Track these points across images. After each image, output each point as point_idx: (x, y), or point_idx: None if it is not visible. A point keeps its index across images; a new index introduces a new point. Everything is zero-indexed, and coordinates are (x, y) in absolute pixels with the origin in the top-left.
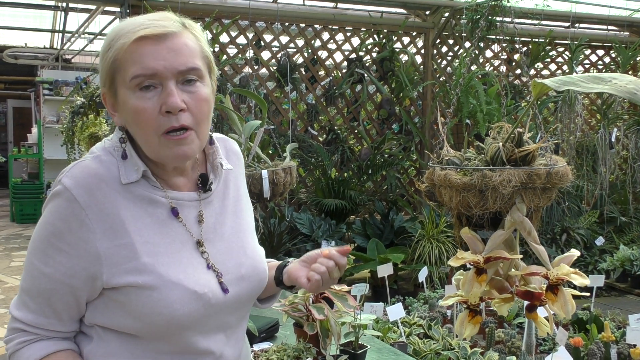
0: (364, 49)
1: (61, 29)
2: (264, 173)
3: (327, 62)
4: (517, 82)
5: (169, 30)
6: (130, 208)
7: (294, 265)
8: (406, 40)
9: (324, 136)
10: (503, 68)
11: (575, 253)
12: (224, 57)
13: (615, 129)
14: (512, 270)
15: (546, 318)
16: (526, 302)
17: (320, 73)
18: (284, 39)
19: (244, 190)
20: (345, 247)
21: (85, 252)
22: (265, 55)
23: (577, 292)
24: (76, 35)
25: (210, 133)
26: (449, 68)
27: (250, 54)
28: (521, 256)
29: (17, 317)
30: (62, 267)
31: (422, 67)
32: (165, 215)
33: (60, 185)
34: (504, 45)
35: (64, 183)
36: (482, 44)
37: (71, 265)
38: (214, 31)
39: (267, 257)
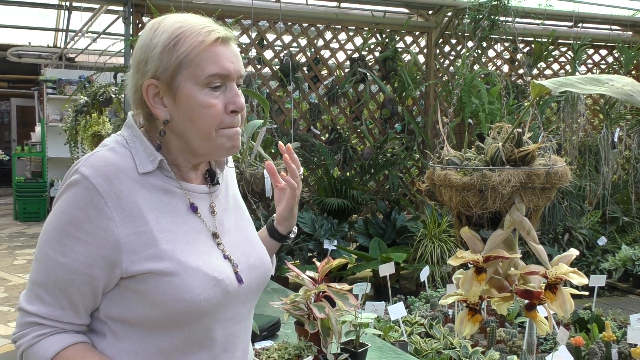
0: (366, 49)
1: (65, 27)
2: (266, 172)
3: (330, 62)
4: (519, 81)
5: (233, 35)
6: (148, 197)
7: (277, 211)
8: (409, 39)
9: (327, 135)
10: (506, 68)
11: (574, 252)
12: None
13: (618, 129)
14: (512, 269)
15: (546, 317)
16: (525, 301)
17: (322, 72)
18: (287, 38)
19: (238, 191)
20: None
21: (104, 240)
22: (268, 54)
23: (575, 292)
24: (80, 34)
25: None
26: (451, 68)
27: (253, 53)
28: (520, 255)
29: (31, 311)
30: (81, 257)
31: (424, 66)
32: (181, 205)
33: (78, 175)
34: (507, 45)
35: (82, 172)
36: (484, 44)
37: (90, 254)
38: None
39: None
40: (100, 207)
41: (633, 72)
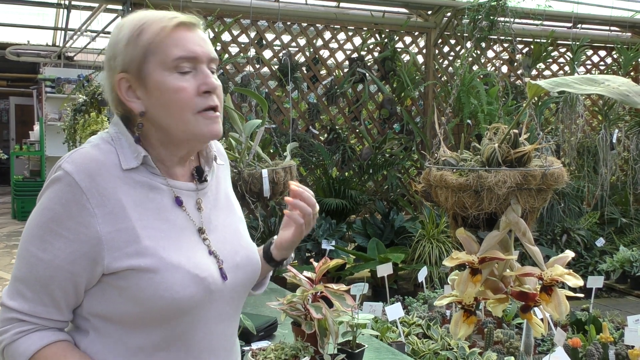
0: (365, 49)
1: (64, 26)
2: (264, 172)
3: (329, 62)
4: (518, 82)
5: (197, 21)
6: (131, 194)
7: (278, 236)
8: (408, 40)
9: (325, 135)
10: (504, 68)
11: (569, 254)
12: (226, 55)
13: (617, 130)
14: (507, 270)
15: (542, 319)
16: (521, 303)
17: (321, 72)
18: (286, 38)
19: (231, 189)
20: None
21: (86, 237)
22: (267, 54)
23: (571, 293)
24: (78, 32)
25: None
26: (450, 68)
27: (252, 52)
28: (515, 257)
29: (13, 307)
30: (62, 253)
31: (423, 67)
32: (166, 202)
33: (61, 171)
34: (506, 45)
35: (65, 168)
36: (483, 44)
37: (71, 251)
38: (216, 30)
39: None
40: (82, 204)
41: (632, 73)
